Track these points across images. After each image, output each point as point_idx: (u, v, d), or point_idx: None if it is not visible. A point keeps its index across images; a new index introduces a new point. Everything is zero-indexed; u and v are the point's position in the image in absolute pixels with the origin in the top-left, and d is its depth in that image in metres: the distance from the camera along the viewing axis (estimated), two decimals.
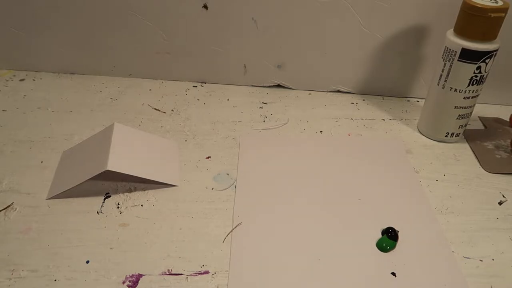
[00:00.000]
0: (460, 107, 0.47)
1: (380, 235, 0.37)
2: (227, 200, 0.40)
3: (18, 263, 0.33)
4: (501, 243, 0.37)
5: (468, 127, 0.50)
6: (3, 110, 0.50)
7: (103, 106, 0.52)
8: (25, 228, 0.36)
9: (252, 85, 0.58)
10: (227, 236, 0.36)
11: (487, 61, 0.43)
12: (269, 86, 0.58)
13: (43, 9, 0.52)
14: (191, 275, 0.33)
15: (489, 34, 0.42)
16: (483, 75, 0.45)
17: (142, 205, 0.39)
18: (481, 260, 0.36)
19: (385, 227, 0.37)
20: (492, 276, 0.34)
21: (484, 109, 0.56)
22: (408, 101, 0.58)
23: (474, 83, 0.45)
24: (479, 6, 0.41)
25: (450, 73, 0.45)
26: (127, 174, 0.38)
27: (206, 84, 0.58)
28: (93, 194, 0.39)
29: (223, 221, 0.38)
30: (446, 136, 0.49)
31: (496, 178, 0.45)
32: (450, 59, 0.44)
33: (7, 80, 0.56)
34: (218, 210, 0.39)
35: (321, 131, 0.50)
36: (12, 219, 0.37)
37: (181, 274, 0.33)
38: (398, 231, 0.37)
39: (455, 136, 0.49)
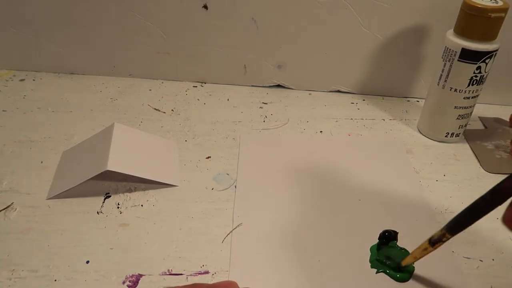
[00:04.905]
0: (460, 107, 0.47)
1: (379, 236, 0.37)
2: (227, 200, 0.40)
3: (18, 263, 0.33)
4: (501, 243, 0.37)
5: (468, 127, 0.50)
6: (3, 110, 0.50)
7: (103, 106, 0.52)
8: (25, 228, 0.36)
9: (252, 85, 0.58)
10: (227, 236, 0.36)
11: (487, 61, 0.43)
12: (269, 86, 0.58)
13: (43, 9, 0.52)
14: (191, 275, 0.33)
15: (489, 34, 0.42)
16: (483, 75, 0.45)
17: (142, 205, 0.39)
18: (481, 260, 0.36)
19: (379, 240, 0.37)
20: (492, 276, 0.34)
21: (484, 109, 0.56)
22: (408, 101, 0.58)
23: (474, 83, 0.45)
24: (479, 6, 0.41)
25: (450, 73, 0.45)
26: (127, 174, 0.38)
27: (206, 84, 0.58)
28: (93, 194, 0.39)
29: (223, 221, 0.38)
30: (446, 136, 0.49)
31: (496, 178, 0.45)
32: (450, 59, 0.44)
33: (7, 80, 0.56)
34: (218, 210, 0.39)
35: (321, 131, 0.50)
36: (12, 219, 0.37)
37: (181, 274, 0.33)
38: (397, 232, 0.37)
39: (455, 136, 0.49)
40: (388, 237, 0.36)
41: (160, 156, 0.43)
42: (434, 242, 0.30)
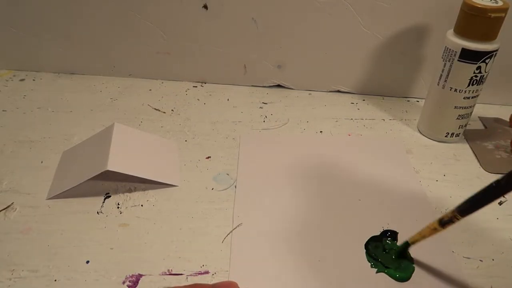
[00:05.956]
0: (460, 107, 0.47)
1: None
2: (227, 200, 0.40)
3: (18, 263, 0.33)
4: (501, 243, 0.37)
5: (468, 127, 0.50)
6: (3, 110, 0.50)
7: (103, 106, 0.52)
8: (25, 228, 0.36)
9: (252, 85, 0.58)
10: (227, 236, 0.36)
11: (487, 61, 0.43)
12: (269, 86, 0.58)
13: (43, 9, 0.52)
14: (191, 275, 0.33)
15: (489, 34, 0.42)
16: (483, 75, 0.45)
17: (142, 205, 0.39)
18: (481, 260, 0.36)
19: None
20: (492, 276, 0.34)
21: (484, 109, 0.56)
22: (408, 101, 0.58)
23: (474, 83, 0.45)
24: (479, 6, 0.41)
25: (450, 73, 0.45)
26: (127, 174, 0.38)
27: (206, 84, 0.58)
28: (93, 194, 0.39)
29: (223, 221, 0.38)
30: (446, 136, 0.49)
31: (496, 178, 0.45)
32: (450, 59, 0.44)
33: (7, 80, 0.56)
34: (218, 210, 0.39)
35: (321, 131, 0.50)
36: (12, 219, 0.37)
37: (181, 274, 0.33)
38: (397, 233, 0.37)
39: (455, 136, 0.49)
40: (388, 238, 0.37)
41: (160, 156, 0.43)
42: (445, 223, 0.31)
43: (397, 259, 0.35)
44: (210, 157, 0.45)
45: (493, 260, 0.36)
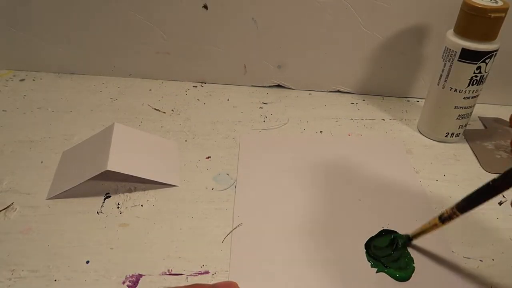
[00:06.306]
0: (460, 107, 0.47)
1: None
2: (227, 200, 0.40)
3: (18, 263, 0.33)
4: (501, 243, 0.37)
5: (468, 127, 0.50)
6: (3, 110, 0.50)
7: (103, 106, 0.52)
8: (25, 228, 0.36)
9: (252, 85, 0.58)
10: (227, 236, 0.36)
11: (487, 61, 0.43)
12: (269, 86, 0.58)
13: (43, 9, 0.52)
14: (191, 275, 0.33)
15: (489, 34, 0.42)
16: (483, 75, 0.45)
17: (142, 205, 0.39)
18: (481, 260, 0.36)
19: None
20: (492, 276, 0.34)
21: (484, 109, 0.56)
22: (408, 101, 0.58)
23: (474, 83, 0.45)
24: (479, 6, 0.41)
25: (450, 73, 0.45)
26: (127, 174, 0.38)
27: (206, 84, 0.58)
28: (93, 194, 0.39)
29: (223, 221, 0.38)
30: (446, 136, 0.49)
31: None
32: (450, 59, 0.44)
33: (7, 80, 0.56)
34: (218, 210, 0.39)
35: (321, 131, 0.50)
36: (12, 219, 0.37)
37: (181, 274, 0.33)
38: (397, 233, 0.37)
39: (455, 136, 0.49)
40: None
41: (160, 156, 0.43)
42: (444, 219, 0.32)
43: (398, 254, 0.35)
44: (210, 157, 0.45)
45: (493, 260, 0.36)
